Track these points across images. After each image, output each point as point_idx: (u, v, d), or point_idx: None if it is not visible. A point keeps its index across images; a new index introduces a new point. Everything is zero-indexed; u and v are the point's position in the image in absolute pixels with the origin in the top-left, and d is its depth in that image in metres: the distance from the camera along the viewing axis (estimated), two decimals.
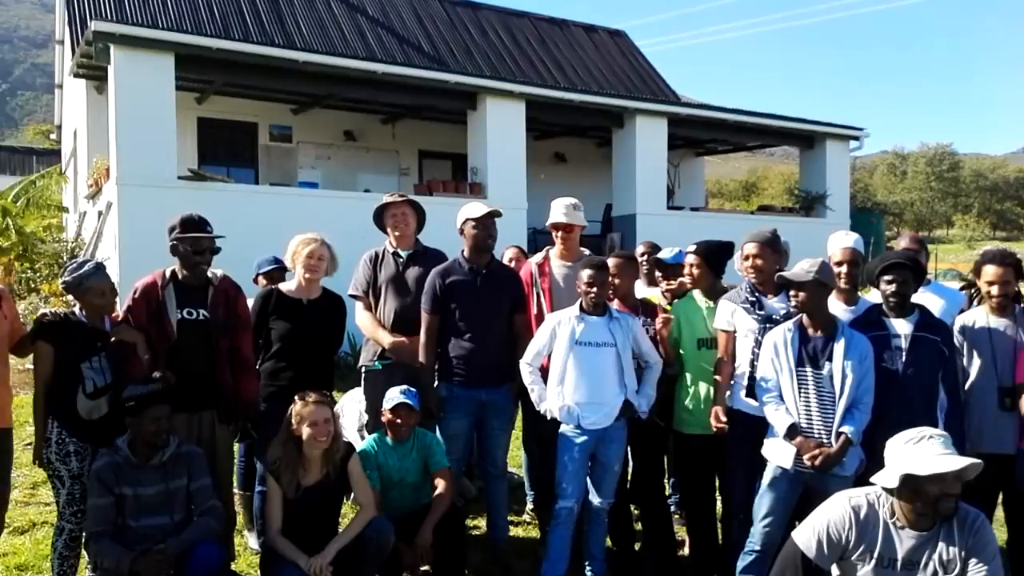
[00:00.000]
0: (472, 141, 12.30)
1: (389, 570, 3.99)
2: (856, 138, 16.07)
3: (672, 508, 4.82)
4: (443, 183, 12.11)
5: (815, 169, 15.69)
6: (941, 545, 2.77)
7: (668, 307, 4.57)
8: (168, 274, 3.93)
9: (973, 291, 4.17)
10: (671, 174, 16.04)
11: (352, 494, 3.99)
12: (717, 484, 4.32)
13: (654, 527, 4.45)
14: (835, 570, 2.95)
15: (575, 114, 13.27)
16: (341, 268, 4.51)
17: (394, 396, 4.04)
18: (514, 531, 4.91)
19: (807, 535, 2.91)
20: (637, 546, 4.56)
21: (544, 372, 4.15)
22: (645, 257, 5.11)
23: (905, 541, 2.80)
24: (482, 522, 4.83)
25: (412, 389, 4.10)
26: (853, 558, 2.85)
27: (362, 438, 4.70)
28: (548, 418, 4.11)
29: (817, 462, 3.50)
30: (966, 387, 3.91)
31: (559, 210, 4.65)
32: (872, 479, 2.90)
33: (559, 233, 4.66)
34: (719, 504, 4.35)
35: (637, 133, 13.26)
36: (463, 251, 4.40)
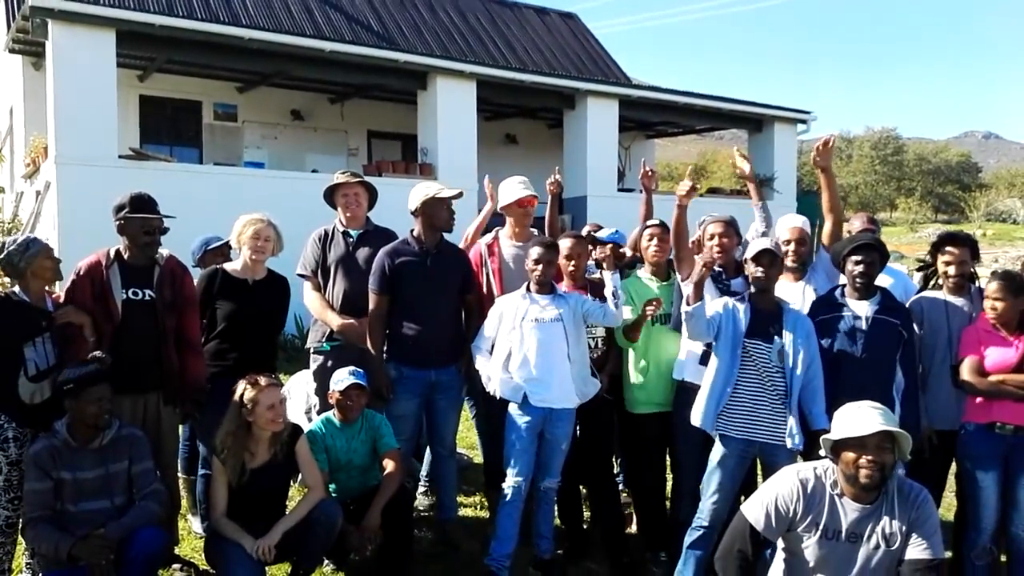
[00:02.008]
0: (422, 121, 12.20)
1: (336, 552, 4.00)
2: (804, 121, 16.33)
3: (619, 486, 4.90)
4: (392, 164, 12.00)
5: (763, 152, 15.90)
6: (884, 518, 2.84)
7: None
8: (112, 253, 3.83)
9: (929, 271, 4.28)
10: (622, 156, 16.12)
11: (300, 476, 3.96)
12: (668, 462, 4.40)
13: (602, 505, 4.50)
14: (781, 542, 3.01)
15: (526, 95, 13.25)
16: (288, 248, 4.45)
17: (344, 377, 4.02)
18: (465, 512, 4.93)
19: (756, 508, 2.97)
20: (586, 524, 4.62)
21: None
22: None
23: (849, 513, 2.87)
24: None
25: (360, 370, 4.08)
26: (799, 530, 2.91)
27: (309, 420, 4.67)
28: (496, 398, 4.13)
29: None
30: (924, 367, 4.01)
31: (516, 186, 4.66)
32: (821, 452, 2.97)
33: (522, 209, 4.64)
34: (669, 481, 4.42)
35: (588, 115, 13.30)
36: (412, 230, 4.38)
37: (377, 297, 4.27)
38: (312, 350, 4.65)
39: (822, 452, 2.93)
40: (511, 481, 4.03)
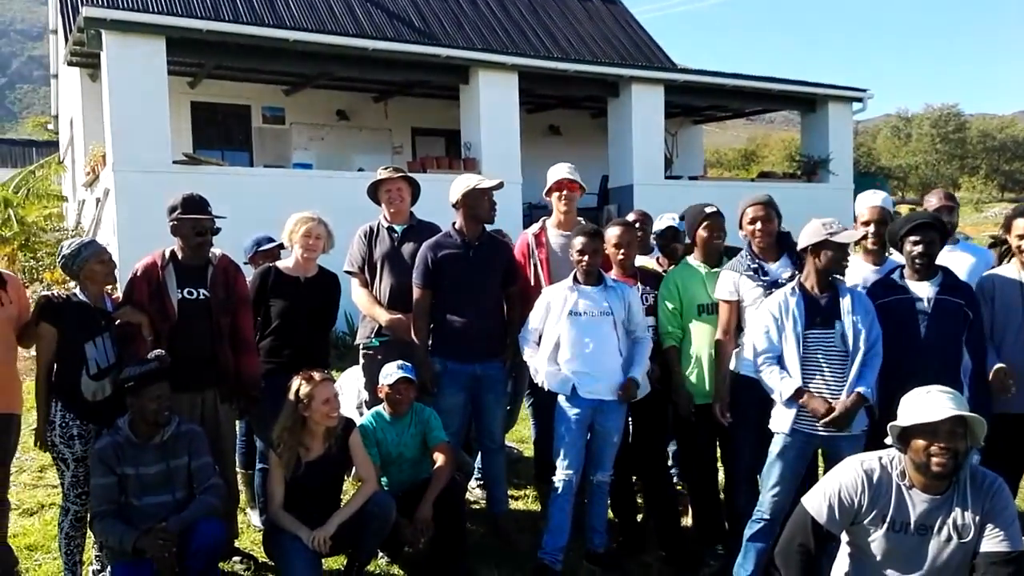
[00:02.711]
0: (465, 116, 12.21)
1: (390, 545, 4.04)
2: (860, 99, 15.76)
3: (674, 479, 4.84)
4: (436, 159, 12.04)
5: (817, 133, 15.48)
6: (956, 509, 2.71)
7: (664, 272, 4.57)
8: (168, 254, 3.93)
9: (1003, 248, 4.09)
10: (668, 143, 15.92)
11: (353, 470, 4.02)
12: (719, 453, 4.32)
13: (656, 498, 4.45)
14: (845, 536, 2.91)
15: (569, 85, 13.15)
16: (336, 246, 4.51)
17: (392, 371, 4.05)
18: (515, 505, 4.94)
19: (818, 500, 2.85)
20: (640, 517, 4.59)
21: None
22: (637, 225, 5.09)
23: (918, 504, 2.74)
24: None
25: (408, 364, 4.11)
26: (865, 522, 2.80)
27: (360, 415, 4.73)
28: (545, 390, 4.11)
29: (831, 418, 3.43)
30: (996, 345, 3.84)
31: (561, 169, 4.65)
32: (887, 440, 2.85)
33: (562, 193, 4.62)
34: (721, 473, 4.35)
35: (633, 102, 13.13)
36: (455, 223, 4.39)
37: (420, 291, 4.30)
38: (361, 346, 4.71)
39: (888, 440, 2.81)
40: (561, 474, 4.02)
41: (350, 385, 5.36)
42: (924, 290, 3.67)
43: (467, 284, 4.26)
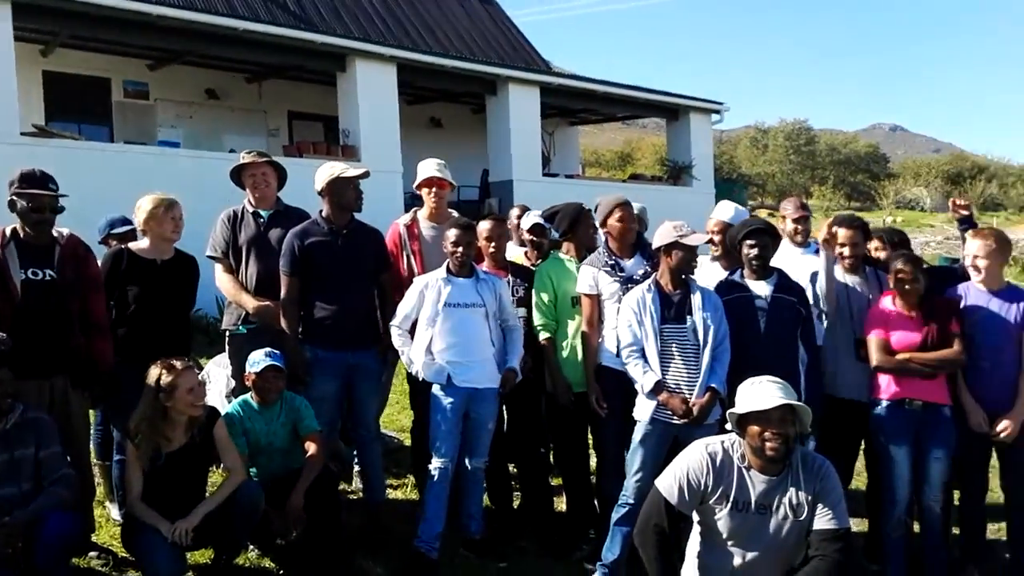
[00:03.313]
0: (343, 103, 12.00)
1: (260, 537, 3.94)
2: (717, 111, 16.79)
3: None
4: (313, 145, 11.78)
5: (681, 140, 16.31)
6: (791, 490, 2.93)
7: (534, 267, 4.68)
8: (9, 232, 3.66)
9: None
10: (546, 142, 16.24)
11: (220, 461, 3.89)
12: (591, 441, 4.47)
13: (531, 485, 4.57)
14: (696, 515, 3.08)
15: (448, 80, 13.19)
16: (204, 229, 4.34)
17: (260, 359, 3.95)
18: (395, 494, 4.92)
19: (669, 482, 3.03)
20: (516, 504, 4.68)
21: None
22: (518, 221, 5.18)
23: (757, 485, 2.95)
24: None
25: (277, 351, 4.02)
26: (711, 502, 2.98)
27: (229, 403, 4.59)
28: (419, 379, 4.13)
29: (692, 417, 3.66)
30: (824, 339, 4.18)
31: (430, 166, 4.66)
32: (727, 426, 3.06)
33: (432, 190, 4.65)
34: (593, 460, 4.50)
35: (511, 101, 13.33)
36: (321, 211, 4.33)
37: (288, 279, 4.21)
38: (228, 333, 4.56)
39: (728, 426, 3.03)
40: (437, 463, 4.04)
41: (218, 372, 5.18)
42: (762, 289, 3.96)
43: (336, 272, 4.20)
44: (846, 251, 4.14)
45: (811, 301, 4.12)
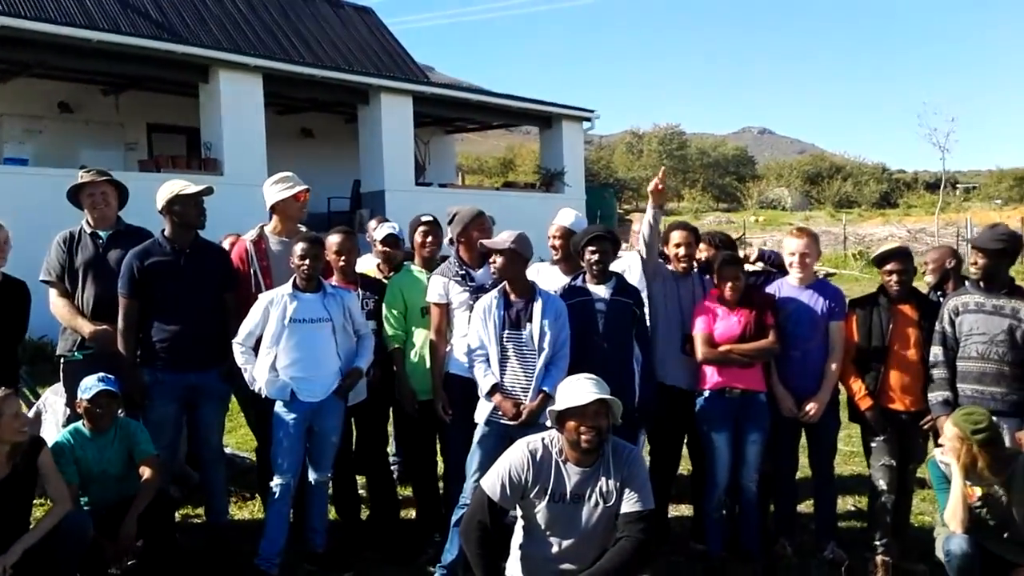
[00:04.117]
0: (205, 115, 11.72)
1: (91, 567, 3.82)
2: (588, 119, 17.32)
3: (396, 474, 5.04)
4: (173, 159, 11.44)
5: (554, 148, 16.72)
6: (602, 479, 3.13)
7: (386, 279, 4.75)
8: None
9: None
10: (421, 151, 16.33)
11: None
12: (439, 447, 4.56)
13: (379, 495, 4.63)
14: (519, 509, 3.24)
15: (319, 90, 13.07)
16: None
17: (91, 384, 3.84)
18: (242, 515, 4.88)
19: (492, 480, 3.18)
20: (365, 515, 4.71)
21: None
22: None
23: (572, 476, 3.14)
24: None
25: (111, 376, 3.93)
26: (531, 496, 3.15)
27: None
28: (262, 397, 4.11)
29: (521, 419, 3.81)
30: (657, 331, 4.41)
31: (284, 185, 4.59)
32: (542, 419, 3.24)
33: (299, 203, 4.57)
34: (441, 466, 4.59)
35: (383, 110, 13.34)
36: (163, 230, 4.26)
37: (127, 301, 4.12)
38: (63, 359, 4.41)
39: (548, 423, 3.20)
40: (278, 480, 4.04)
41: (56, 402, 4.98)
42: (602, 292, 4.17)
43: (178, 292, 4.14)
44: (680, 252, 4.40)
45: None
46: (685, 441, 4.61)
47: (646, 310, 4.33)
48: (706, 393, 4.24)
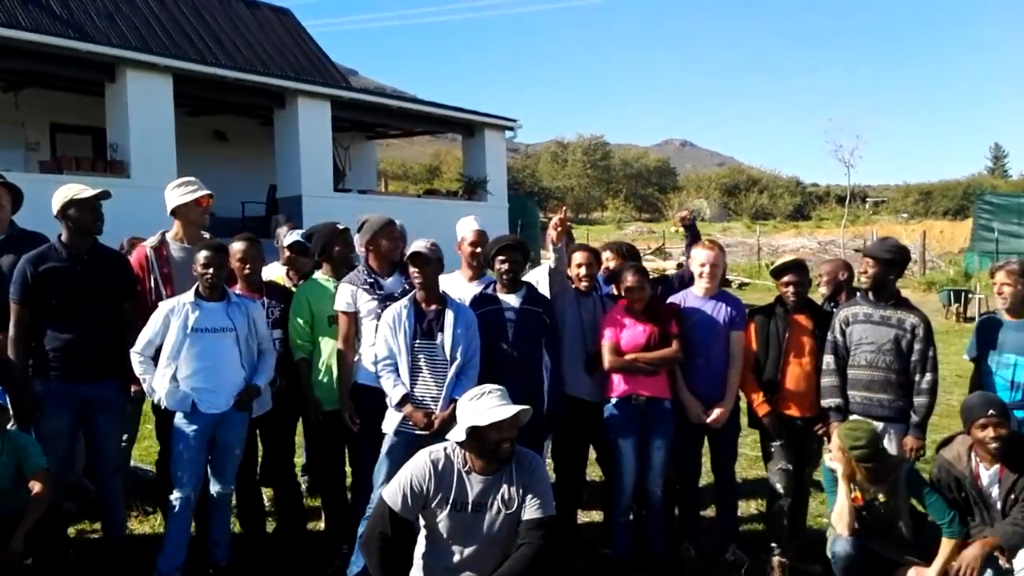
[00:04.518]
0: (112, 115, 11.32)
1: None
2: (511, 128, 17.45)
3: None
4: (77, 160, 11.02)
5: (477, 156, 16.77)
6: (504, 486, 3.15)
7: (294, 288, 4.69)
8: None
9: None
10: (341, 156, 16.13)
11: None
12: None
13: (286, 507, 4.57)
14: (421, 520, 3.23)
15: (232, 92, 12.78)
16: None
17: None
18: (142, 528, 4.73)
19: (393, 491, 3.16)
20: (272, 527, 4.63)
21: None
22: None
23: (475, 486, 3.15)
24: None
25: (0, 387, 3.75)
26: (433, 506, 3.15)
27: None
28: (162, 407, 4.00)
29: (433, 429, 3.79)
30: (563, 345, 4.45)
31: (185, 189, 4.46)
32: (447, 436, 3.24)
33: (202, 208, 4.46)
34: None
35: (299, 114, 13.13)
36: (60, 235, 4.10)
37: (18, 308, 3.94)
38: None
39: (450, 436, 3.20)
40: (178, 493, 3.95)
41: None
42: (512, 301, 4.22)
43: (74, 300, 3.99)
44: (582, 272, 4.48)
45: None
46: (591, 449, 4.68)
47: None
48: (613, 400, 4.32)
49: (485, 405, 3.11)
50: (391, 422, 3.94)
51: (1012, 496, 3.65)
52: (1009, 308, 4.13)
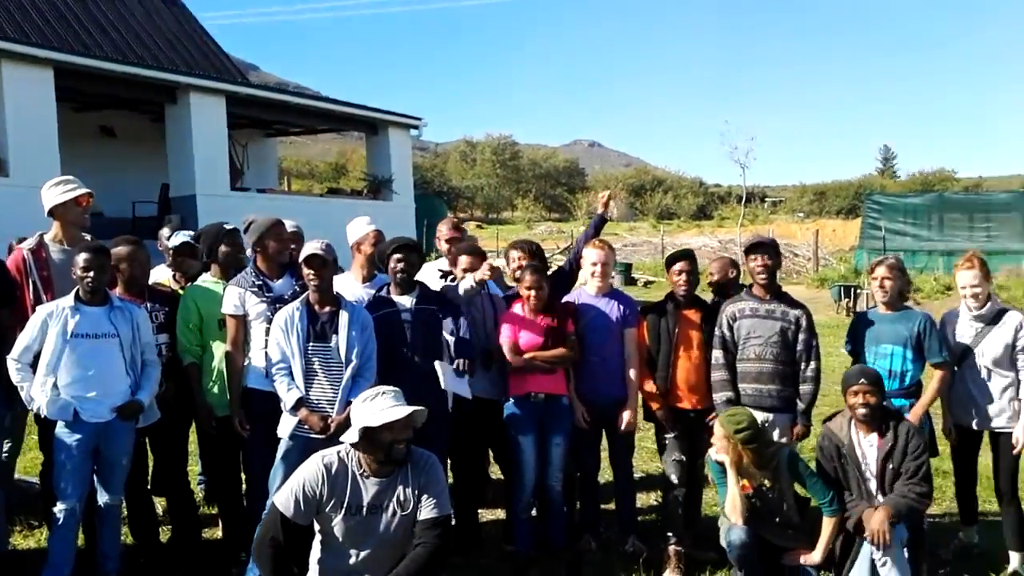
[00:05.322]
0: None
1: None
2: (416, 126, 17.31)
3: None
4: None
5: (381, 154, 16.56)
6: (400, 487, 3.13)
7: (181, 290, 4.54)
8: None
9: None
10: (238, 154, 15.64)
11: None
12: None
13: (180, 516, 4.44)
14: (316, 524, 3.17)
15: (120, 86, 12.18)
16: None
17: None
18: (26, 544, 4.52)
19: (286, 496, 3.10)
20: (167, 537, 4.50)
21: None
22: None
23: (370, 488, 3.12)
24: None
25: None
26: (327, 510, 3.10)
27: None
28: (41, 417, 3.81)
29: (329, 432, 3.73)
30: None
31: (64, 187, 4.25)
32: (341, 438, 3.19)
33: (81, 208, 4.28)
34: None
35: (192, 110, 12.65)
36: None
37: None
38: None
39: (344, 438, 3.15)
40: (62, 504, 3.79)
41: None
42: (406, 302, 4.20)
43: None
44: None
45: None
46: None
47: None
48: (512, 399, 4.36)
49: (379, 406, 3.09)
50: (286, 426, 3.87)
51: (889, 465, 3.86)
52: (888, 301, 4.36)
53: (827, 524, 3.86)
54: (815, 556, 3.84)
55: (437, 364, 4.11)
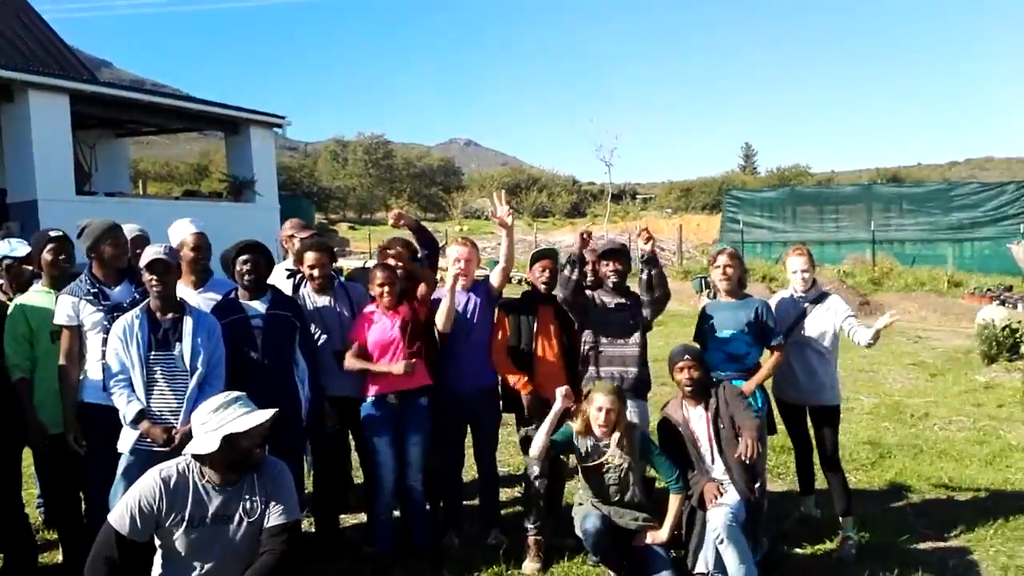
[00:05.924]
0: None
1: None
2: (279, 125, 16.79)
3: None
4: None
5: (242, 155, 15.96)
6: (246, 496, 3.04)
7: (9, 301, 4.24)
8: None
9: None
10: (86, 155, 14.72)
11: None
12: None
13: (12, 542, 4.14)
14: (156, 540, 3.02)
15: None
16: None
17: None
18: None
19: (120, 513, 2.95)
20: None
21: None
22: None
23: (214, 498, 3.01)
24: None
25: None
26: (168, 525, 2.97)
27: None
28: None
29: (174, 444, 3.55)
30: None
31: None
32: (186, 450, 3.05)
33: None
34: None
35: (31, 109, 11.80)
36: None
37: None
38: None
39: (195, 448, 3.01)
40: None
41: None
42: (257, 307, 4.08)
43: None
44: (315, 272, 4.43)
45: None
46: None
47: None
48: (367, 400, 4.32)
49: (235, 413, 2.99)
50: (126, 441, 3.68)
51: (721, 426, 4.13)
52: (730, 290, 4.61)
53: (673, 501, 4.06)
54: (662, 534, 4.01)
55: None
